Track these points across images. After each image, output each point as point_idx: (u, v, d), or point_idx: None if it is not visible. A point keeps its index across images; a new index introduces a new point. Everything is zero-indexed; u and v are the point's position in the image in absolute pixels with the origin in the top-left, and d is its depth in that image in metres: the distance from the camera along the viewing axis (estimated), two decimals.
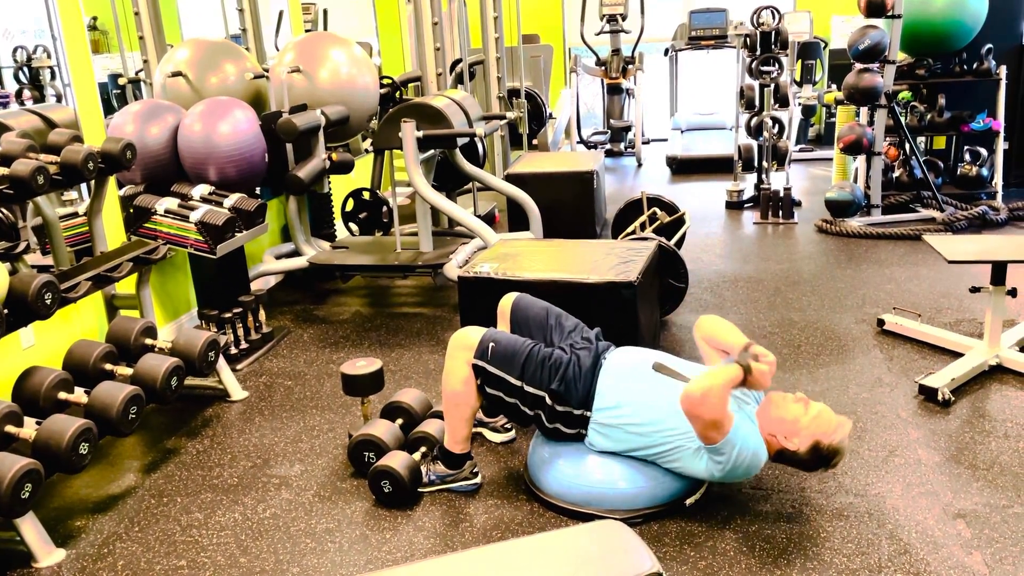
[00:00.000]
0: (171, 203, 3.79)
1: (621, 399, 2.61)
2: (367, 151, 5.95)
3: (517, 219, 5.21)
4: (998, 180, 5.96)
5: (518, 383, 2.63)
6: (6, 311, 2.68)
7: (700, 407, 2.35)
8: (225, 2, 5.36)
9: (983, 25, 5.82)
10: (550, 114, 8.07)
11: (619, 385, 2.64)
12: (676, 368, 2.65)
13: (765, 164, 6.29)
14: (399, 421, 3.07)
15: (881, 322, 3.96)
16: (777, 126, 6.27)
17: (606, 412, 2.62)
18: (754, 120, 6.34)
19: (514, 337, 2.74)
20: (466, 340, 2.68)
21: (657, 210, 4.74)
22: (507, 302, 3.01)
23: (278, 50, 5.49)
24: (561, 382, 2.62)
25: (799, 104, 7.88)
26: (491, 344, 2.66)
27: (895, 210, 5.96)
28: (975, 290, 3.50)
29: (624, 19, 8.18)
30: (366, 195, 5.36)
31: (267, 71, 4.67)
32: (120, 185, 4.01)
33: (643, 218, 4.69)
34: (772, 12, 6.16)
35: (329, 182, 4.94)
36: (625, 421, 2.59)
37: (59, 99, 3.84)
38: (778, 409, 2.52)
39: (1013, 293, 3.41)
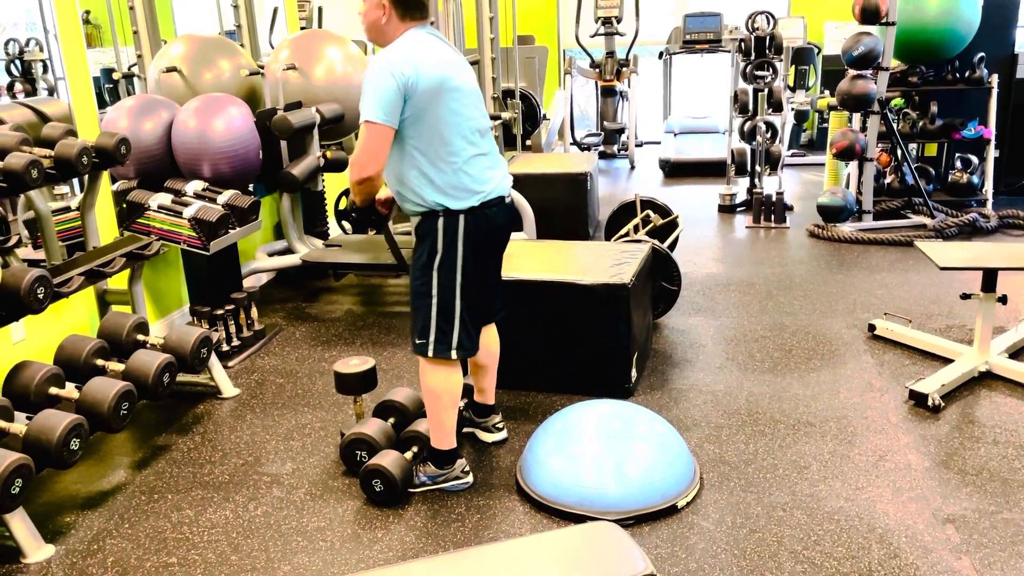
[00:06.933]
0: (164, 199, 3.77)
1: None
2: None
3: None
4: (988, 187, 6.00)
5: (430, 280, 2.64)
6: None
7: None
8: None
9: (976, 34, 5.86)
10: (544, 115, 8.07)
11: None
12: None
13: (758, 168, 6.31)
14: (391, 420, 3.06)
15: (872, 327, 3.98)
16: (770, 131, 6.29)
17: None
18: (747, 124, 6.36)
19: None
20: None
21: (650, 213, 4.75)
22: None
23: (273, 47, 5.48)
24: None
25: (792, 109, 7.91)
26: (416, 338, 2.72)
27: (886, 216, 5.99)
28: (966, 296, 3.52)
29: (619, 22, 8.19)
30: None
31: (262, 68, 4.66)
32: (113, 180, 3.99)
33: (636, 220, 4.70)
34: (767, 17, 6.19)
35: (323, 180, 4.93)
36: None
37: (51, 93, 3.82)
38: None
39: (1003, 300, 3.43)
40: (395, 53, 2.53)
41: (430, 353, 2.68)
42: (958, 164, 6.16)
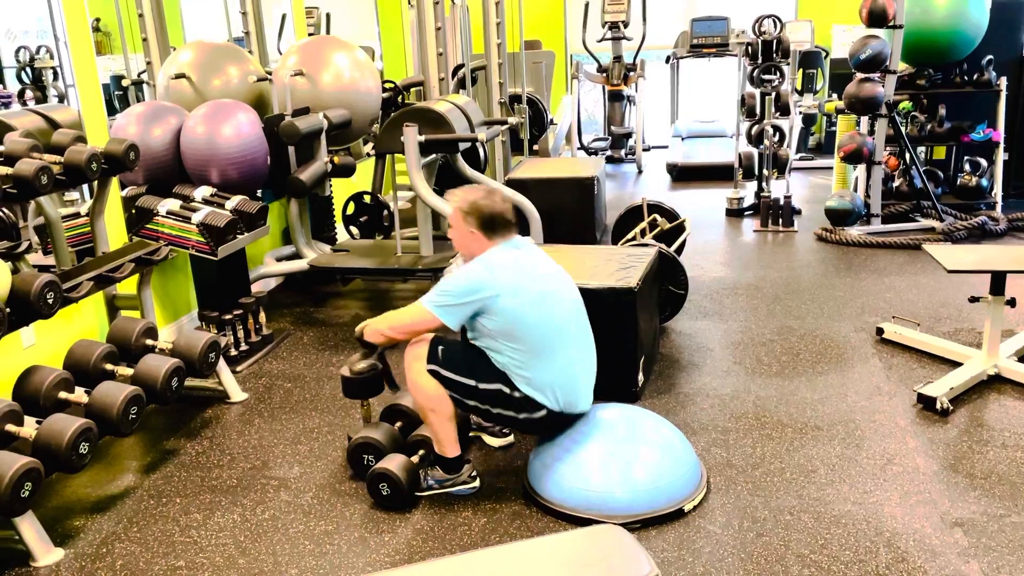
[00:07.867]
0: (173, 204, 3.79)
1: None
2: (369, 155, 5.96)
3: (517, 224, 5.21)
4: (998, 191, 5.99)
5: (472, 383, 2.67)
6: (8, 310, 2.69)
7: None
8: (228, 5, 5.37)
9: (984, 36, 5.84)
10: (551, 120, 8.08)
11: None
12: None
13: (765, 172, 6.31)
14: (398, 424, 3.07)
15: (880, 331, 3.97)
16: (778, 134, 6.28)
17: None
18: (755, 128, 6.35)
19: (462, 340, 2.82)
20: (417, 350, 2.73)
21: (657, 216, 4.75)
22: None
23: (281, 53, 5.50)
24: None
25: (800, 113, 7.90)
26: (440, 347, 2.71)
27: (895, 219, 5.97)
28: (974, 300, 3.51)
29: (626, 26, 8.20)
30: (367, 199, 5.37)
31: (270, 74, 4.69)
32: (122, 186, 4.01)
33: (643, 224, 4.70)
34: (774, 21, 6.18)
35: (330, 185, 4.95)
36: None
37: (61, 100, 3.85)
38: None
39: (1012, 303, 3.42)
40: (480, 266, 2.67)
41: (428, 368, 2.70)
42: (967, 167, 6.14)
